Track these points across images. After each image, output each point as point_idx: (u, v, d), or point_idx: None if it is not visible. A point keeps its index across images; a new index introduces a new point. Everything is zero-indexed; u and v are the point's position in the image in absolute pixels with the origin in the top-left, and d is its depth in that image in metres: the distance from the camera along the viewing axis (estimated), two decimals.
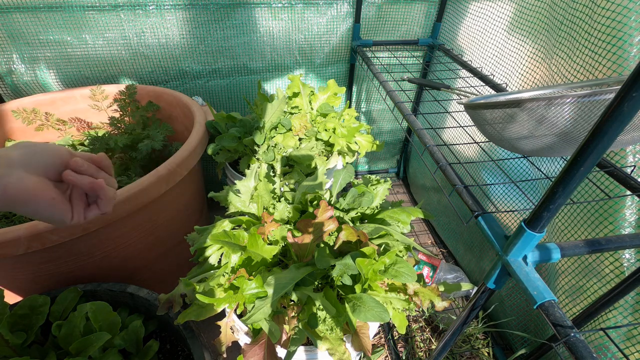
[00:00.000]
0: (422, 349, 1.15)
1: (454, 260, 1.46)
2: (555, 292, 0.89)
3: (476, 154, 1.22)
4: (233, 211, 0.90)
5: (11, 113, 1.11)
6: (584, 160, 0.35)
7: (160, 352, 0.87)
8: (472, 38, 1.21)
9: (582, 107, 0.47)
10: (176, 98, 1.22)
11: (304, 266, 0.73)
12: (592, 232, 0.77)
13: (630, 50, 0.66)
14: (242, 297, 0.69)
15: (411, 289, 0.73)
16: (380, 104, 1.66)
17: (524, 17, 0.97)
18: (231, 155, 1.18)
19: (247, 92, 1.43)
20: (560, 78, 0.83)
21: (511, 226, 1.07)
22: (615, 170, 0.63)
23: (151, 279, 1.07)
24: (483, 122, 0.60)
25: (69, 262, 0.84)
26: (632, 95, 0.30)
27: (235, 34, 1.28)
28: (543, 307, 0.43)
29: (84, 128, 1.23)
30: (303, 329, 0.68)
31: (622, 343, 0.74)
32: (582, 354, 0.38)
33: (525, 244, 0.46)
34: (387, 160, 1.94)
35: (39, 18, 1.13)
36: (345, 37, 1.38)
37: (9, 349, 0.68)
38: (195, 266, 0.81)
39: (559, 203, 0.40)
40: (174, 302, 0.74)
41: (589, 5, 0.75)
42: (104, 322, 0.76)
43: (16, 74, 1.21)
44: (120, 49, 1.23)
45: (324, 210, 0.74)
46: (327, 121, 1.21)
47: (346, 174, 0.92)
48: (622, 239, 0.51)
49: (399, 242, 0.78)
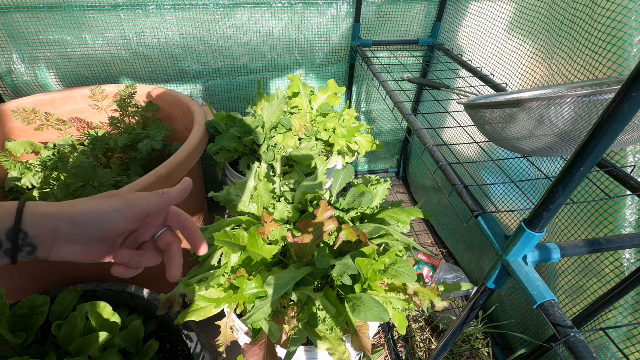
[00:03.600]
0: (422, 349, 1.15)
1: (454, 260, 1.46)
2: (555, 292, 0.89)
3: (476, 154, 1.22)
4: (233, 211, 0.90)
5: (11, 113, 1.11)
6: (584, 160, 0.35)
7: (160, 352, 0.87)
8: (472, 38, 1.21)
9: (582, 107, 0.47)
10: (176, 98, 1.22)
11: (304, 266, 0.73)
12: (592, 232, 0.77)
13: (630, 50, 0.66)
14: (242, 297, 0.69)
15: (411, 289, 0.73)
16: (380, 104, 1.66)
17: (524, 17, 0.97)
18: (231, 155, 1.18)
19: (247, 92, 1.43)
20: (560, 78, 0.83)
21: (511, 226, 1.07)
22: (615, 170, 0.63)
23: (151, 279, 1.07)
24: (483, 122, 0.60)
25: (69, 262, 0.84)
26: (632, 95, 0.30)
27: (235, 34, 1.28)
28: (543, 307, 0.43)
29: (84, 128, 1.23)
30: (303, 329, 0.68)
31: (622, 343, 0.74)
32: (582, 354, 0.38)
33: (525, 244, 0.46)
34: (387, 160, 1.94)
35: (39, 18, 1.13)
36: (345, 37, 1.38)
37: (9, 349, 0.68)
38: (195, 266, 0.81)
39: (559, 203, 0.40)
40: (174, 302, 0.74)
41: (589, 5, 0.75)
42: (104, 322, 0.76)
43: (16, 74, 1.21)
44: (120, 49, 1.23)
45: (324, 210, 0.74)
46: (327, 121, 1.21)
47: (346, 174, 0.92)
48: (622, 239, 0.51)
49: (399, 242, 0.78)
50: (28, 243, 0.36)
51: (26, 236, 0.36)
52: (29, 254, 0.37)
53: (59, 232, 0.36)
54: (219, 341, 0.72)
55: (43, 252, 0.37)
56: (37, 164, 1.06)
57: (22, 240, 0.35)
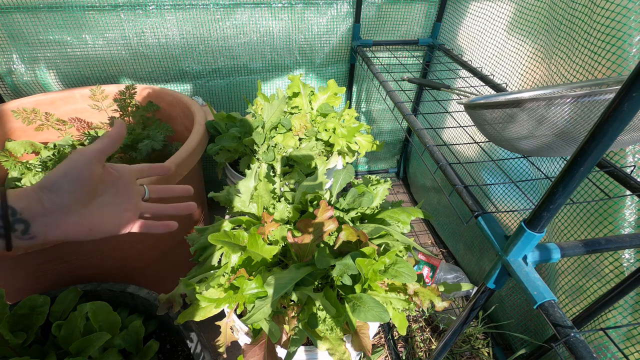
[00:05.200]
0: (422, 349, 1.15)
1: (454, 260, 1.46)
2: (555, 292, 0.89)
3: (476, 154, 1.22)
4: (233, 211, 0.90)
5: (11, 113, 1.11)
6: (584, 160, 0.36)
7: (160, 352, 0.87)
8: (472, 38, 1.21)
9: (582, 107, 0.47)
10: (176, 98, 1.22)
11: (304, 266, 0.73)
12: (592, 232, 0.77)
13: (629, 50, 0.66)
14: (242, 297, 0.69)
15: (411, 289, 0.73)
16: (380, 104, 1.66)
17: (524, 17, 0.97)
18: (231, 155, 1.18)
19: (247, 92, 1.43)
20: (559, 78, 0.83)
21: (511, 226, 1.07)
22: (615, 170, 0.63)
23: (151, 279, 1.07)
24: (483, 122, 0.60)
25: (69, 262, 0.84)
26: (632, 95, 0.30)
27: (235, 34, 1.28)
28: (543, 307, 0.43)
29: (84, 128, 1.23)
30: (303, 329, 0.68)
31: (622, 343, 0.74)
32: (582, 354, 0.38)
33: (525, 244, 0.46)
34: (387, 160, 1.94)
35: (39, 18, 1.13)
36: (345, 37, 1.38)
37: (9, 349, 0.68)
38: (195, 266, 0.81)
39: (559, 203, 0.40)
40: (174, 302, 0.74)
41: (588, 5, 0.75)
42: (104, 322, 0.76)
43: (16, 74, 1.21)
44: (120, 49, 1.23)
45: (324, 210, 0.74)
46: (327, 121, 1.21)
47: (346, 174, 0.92)
48: (622, 239, 0.51)
49: (399, 242, 0.78)
50: (18, 219, 0.37)
51: (15, 212, 0.37)
52: (23, 232, 0.38)
53: (43, 202, 0.38)
54: (219, 341, 0.72)
55: (38, 229, 0.38)
56: (37, 164, 1.06)
57: (12, 217, 0.37)
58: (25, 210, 0.37)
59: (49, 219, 0.39)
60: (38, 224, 0.38)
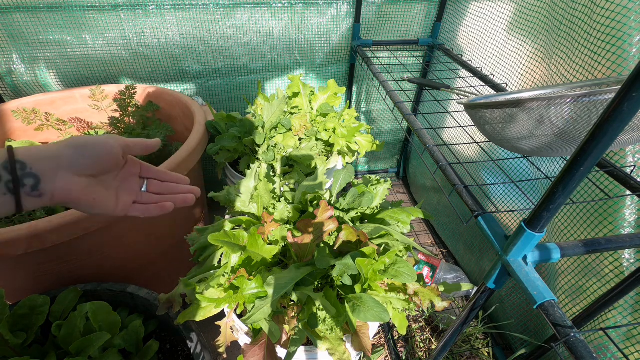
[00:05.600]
0: (422, 349, 1.15)
1: (454, 260, 1.46)
2: (555, 292, 0.89)
3: (476, 154, 1.22)
4: (233, 211, 0.90)
5: (11, 113, 1.11)
6: (584, 160, 0.36)
7: (160, 352, 0.87)
8: (472, 38, 1.21)
9: (582, 107, 0.47)
10: (176, 98, 1.22)
11: (304, 266, 0.73)
12: (592, 232, 0.77)
13: (629, 50, 0.66)
14: (242, 297, 0.69)
15: (411, 289, 0.73)
16: (380, 104, 1.66)
17: (524, 17, 0.97)
18: (231, 155, 1.18)
19: (247, 92, 1.43)
20: (559, 78, 0.83)
21: (511, 226, 1.07)
22: (615, 170, 0.63)
23: (151, 279, 1.07)
24: (483, 122, 0.60)
25: (69, 262, 0.84)
26: (632, 95, 0.30)
27: (235, 34, 1.28)
28: (543, 307, 0.43)
29: (84, 128, 1.23)
30: (303, 329, 0.68)
31: (622, 343, 0.74)
32: (582, 354, 0.38)
33: (525, 244, 0.46)
34: (387, 160, 1.94)
35: (39, 18, 1.13)
36: (345, 37, 1.38)
37: (9, 349, 0.68)
38: (195, 266, 0.81)
39: (559, 203, 0.40)
40: (174, 302, 0.74)
41: (588, 5, 0.75)
42: (104, 322, 0.76)
43: (16, 74, 1.21)
44: (120, 49, 1.23)
45: (324, 210, 0.74)
46: (327, 121, 1.21)
47: (346, 174, 0.92)
48: (622, 239, 0.51)
49: (399, 242, 0.78)
50: (28, 173, 0.37)
51: (24, 166, 0.37)
52: (32, 188, 0.38)
53: (61, 159, 0.40)
54: (219, 341, 0.72)
55: (47, 184, 0.39)
56: None
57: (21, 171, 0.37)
58: (37, 165, 0.38)
59: (59, 175, 0.40)
60: (49, 181, 0.39)
